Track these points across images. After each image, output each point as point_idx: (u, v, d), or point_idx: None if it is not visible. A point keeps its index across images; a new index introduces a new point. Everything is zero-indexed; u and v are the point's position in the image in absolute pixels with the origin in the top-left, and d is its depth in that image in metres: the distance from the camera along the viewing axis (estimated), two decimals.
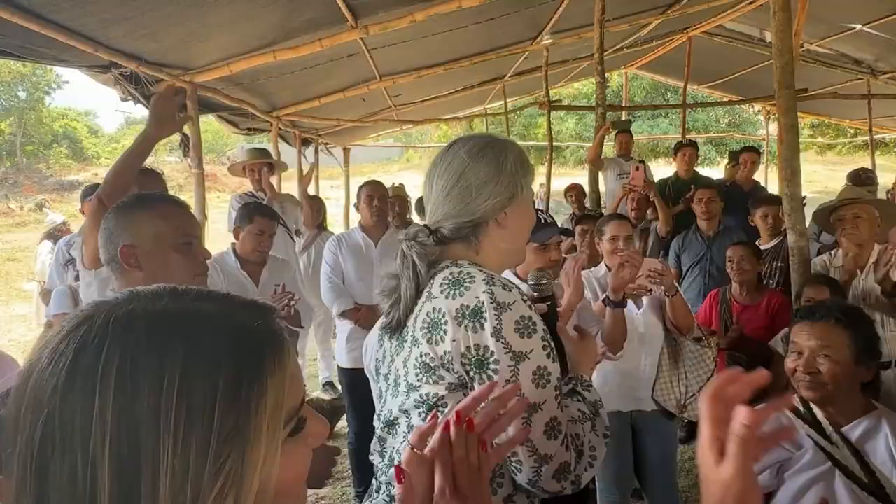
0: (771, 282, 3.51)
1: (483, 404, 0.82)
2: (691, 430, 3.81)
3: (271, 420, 0.52)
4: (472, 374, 1.09)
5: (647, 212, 4.80)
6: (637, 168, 4.54)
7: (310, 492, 3.66)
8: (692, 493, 3.23)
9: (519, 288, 1.15)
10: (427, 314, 1.14)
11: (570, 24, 6.40)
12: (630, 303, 2.48)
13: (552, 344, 1.12)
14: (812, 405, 1.50)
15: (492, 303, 1.09)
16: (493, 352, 1.07)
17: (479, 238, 1.22)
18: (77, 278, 2.96)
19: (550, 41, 6.64)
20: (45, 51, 3.12)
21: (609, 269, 2.52)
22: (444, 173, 1.23)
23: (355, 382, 3.27)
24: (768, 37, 7.77)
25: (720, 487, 0.66)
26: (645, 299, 2.51)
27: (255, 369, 0.51)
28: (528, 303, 1.13)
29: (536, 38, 6.73)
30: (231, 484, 0.49)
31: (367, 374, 2.08)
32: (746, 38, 8.04)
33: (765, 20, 6.98)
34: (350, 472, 3.57)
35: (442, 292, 1.14)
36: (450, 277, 1.15)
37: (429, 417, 0.78)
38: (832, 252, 2.78)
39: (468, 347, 1.08)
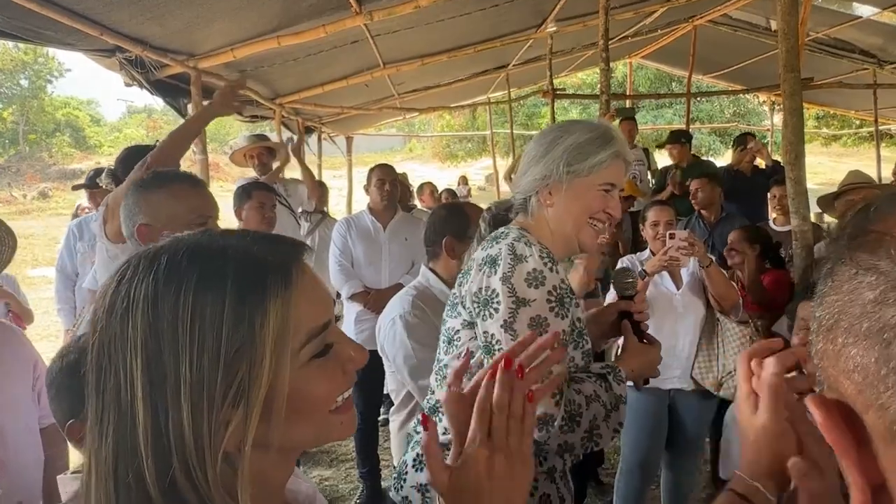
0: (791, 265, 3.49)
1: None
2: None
3: (277, 341, 0.58)
4: (477, 311, 1.22)
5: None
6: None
7: (313, 472, 3.70)
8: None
9: (549, 256, 1.23)
10: (466, 263, 1.32)
11: (574, 12, 6.37)
12: (669, 282, 2.56)
13: (566, 303, 1.21)
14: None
15: (510, 253, 1.22)
16: (498, 293, 1.20)
17: (532, 212, 1.33)
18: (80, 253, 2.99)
19: (555, 29, 6.61)
20: (51, 34, 3.12)
21: (653, 253, 2.61)
22: (526, 149, 1.38)
23: None
24: (774, 25, 7.72)
25: (757, 434, 0.72)
26: (685, 278, 2.55)
27: (258, 295, 0.58)
28: (552, 266, 1.22)
29: (541, 26, 6.70)
30: (241, 394, 0.56)
31: (381, 354, 2.10)
32: (752, 27, 7.99)
33: (770, 8, 6.94)
34: (354, 453, 3.60)
35: (481, 246, 1.29)
36: (494, 235, 1.30)
37: (462, 355, 0.79)
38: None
39: (480, 289, 1.22)
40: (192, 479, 0.55)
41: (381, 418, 3.75)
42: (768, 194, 3.88)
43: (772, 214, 4.07)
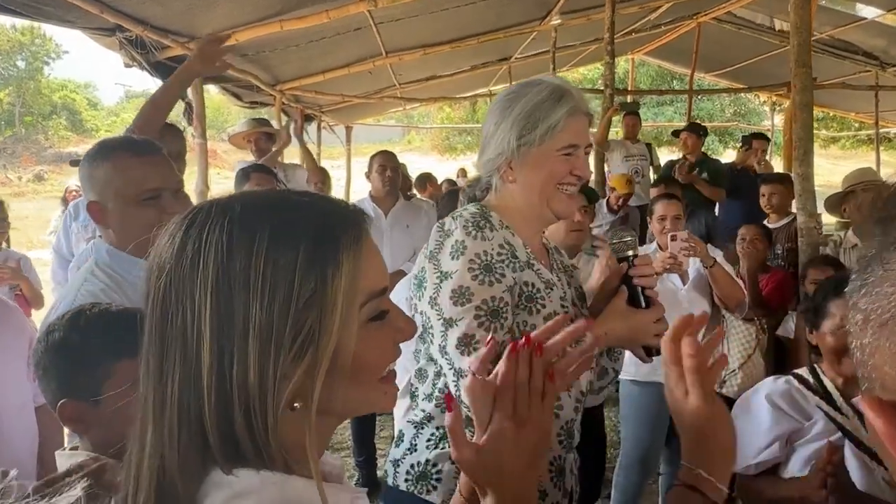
0: (782, 263, 3.49)
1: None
2: None
3: (346, 293, 0.58)
4: (414, 292, 1.23)
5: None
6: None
7: None
8: None
9: (478, 225, 1.20)
10: None
11: (579, 4, 6.33)
12: (676, 278, 2.54)
13: (495, 268, 1.17)
14: (822, 375, 1.49)
15: (438, 230, 1.22)
16: (426, 271, 1.20)
17: (496, 190, 1.29)
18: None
19: (559, 22, 6.57)
20: (50, 10, 3.07)
21: (661, 247, 2.58)
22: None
23: None
24: (778, 25, 7.70)
25: (692, 418, 0.73)
26: (690, 274, 2.54)
27: (331, 246, 0.59)
28: (477, 233, 1.18)
29: (545, 19, 6.66)
30: (309, 343, 0.56)
31: None
32: (756, 26, 7.97)
33: (776, 7, 6.91)
34: (350, 442, 3.59)
35: None
36: (451, 215, 1.27)
37: (488, 340, 0.78)
38: (842, 233, 2.77)
39: (420, 269, 1.24)
40: (252, 425, 0.55)
41: None
42: (760, 192, 3.87)
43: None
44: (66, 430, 1.35)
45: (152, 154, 1.40)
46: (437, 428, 1.23)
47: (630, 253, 1.25)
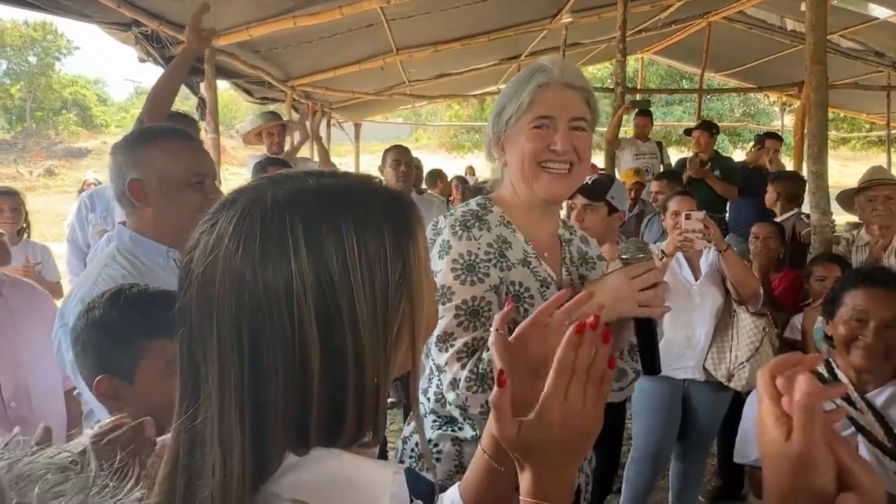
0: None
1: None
2: None
3: (425, 266, 0.61)
4: None
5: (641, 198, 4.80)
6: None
7: None
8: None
9: (464, 224, 1.19)
10: None
11: (590, 3, 6.33)
12: (688, 272, 2.54)
13: (479, 268, 1.16)
14: (837, 370, 1.50)
15: (432, 228, 1.22)
16: None
17: (502, 181, 1.29)
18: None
19: (570, 20, 6.57)
20: (69, 4, 3.10)
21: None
22: None
23: None
24: (789, 24, 7.66)
25: (793, 464, 0.64)
26: (703, 269, 2.54)
27: (408, 226, 0.60)
28: (462, 233, 1.18)
29: (556, 17, 6.65)
30: (406, 319, 0.58)
31: None
32: (767, 25, 7.94)
33: (787, 7, 6.88)
34: None
35: None
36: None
37: (509, 299, 0.79)
38: (854, 231, 2.77)
39: None
40: (361, 412, 0.56)
41: (389, 400, 3.76)
42: (767, 190, 3.89)
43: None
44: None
45: (200, 143, 1.51)
46: (439, 416, 1.25)
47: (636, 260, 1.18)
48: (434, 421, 1.27)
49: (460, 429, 1.23)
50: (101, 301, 1.10)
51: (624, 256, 1.15)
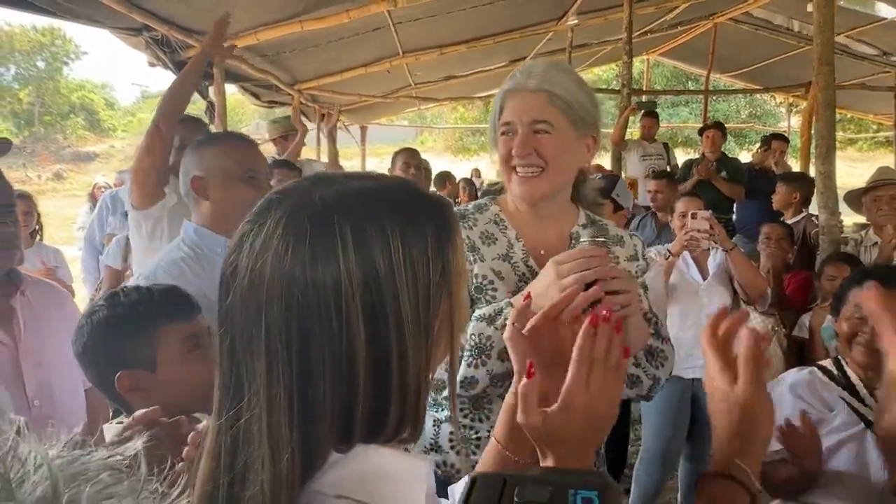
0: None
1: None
2: None
3: (462, 266, 0.64)
4: None
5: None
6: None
7: None
8: None
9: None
10: None
11: (596, 4, 6.34)
12: (696, 272, 2.56)
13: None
14: (846, 367, 1.51)
15: None
16: None
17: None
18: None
19: (576, 22, 6.58)
20: (80, 9, 3.14)
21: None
22: None
23: None
24: (796, 26, 7.65)
25: (738, 408, 0.72)
26: (711, 269, 2.55)
27: (447, 228, 0.62)
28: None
29: (562, 19, 6.67)
30: (445, 318, 0.61)
31: None
32: (773, 26, 7.93)
33: (793, 8, 6.87)
34: None
35: None
36: None
37: (526, 293, 0.82)
38: (863, 231, 2.77)
39: None
40: (403, 409, 0.58)
41: None
42: (778, 191, 3.89)
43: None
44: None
45: (254, 145, 1.69)
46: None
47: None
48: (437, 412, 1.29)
49: (441, 409, 1.25)
50: (100, 304, 1.14)
51: (583, 240, 1.15)
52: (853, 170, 18.42)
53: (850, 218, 4.04)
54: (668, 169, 5.56)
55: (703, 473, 0.74)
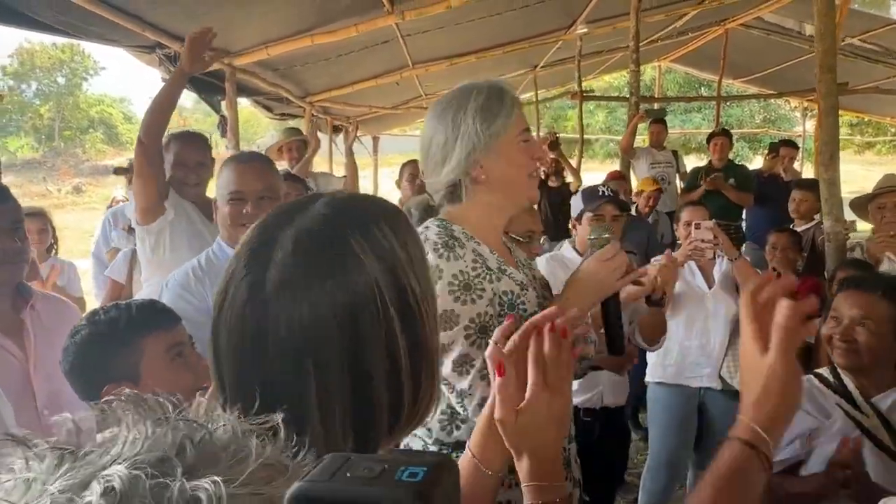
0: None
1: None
2: None
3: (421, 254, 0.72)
4: None
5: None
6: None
7: None
8: None
9: (447, 244, 1.19)
10: None
11: (605, 13, 6.36)
12: (701, 280, 2.56)
13: (473, 285, 1.17)
14: (843, 374, 1.51)
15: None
16: None
17: (463, 196, 1.26)
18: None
19: (585, 30, 6.61)
20: (95, 29, 3.23)
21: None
22: (422, 146, 1.30)
23: None
24: (808, 30, 7.60)
25: (766, 374, 0.73)
26: (716, 277, 2.55)
27: (403, 218, 0.70)
28: (449, 255, 1.18)
29: (570, 27, 6.70)
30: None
31: None
32: (785, 31, 7.88)
33: (805, 12, 6.83)
34: None
35: None
36: None
37: (509, 315, 0.87)
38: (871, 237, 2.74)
39: None
40: (431, 396, 0.65)
41: None
42: (790, 198, 3.87)
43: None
44: None
45: (246, 164, 1.78)
46: (444, 444, 1.26)
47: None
48: (439, 449, 1.28)
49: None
50: (83, 324, 1.19)
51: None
52: (870, 173, 18.16)
53: (865, 224, 4.00)
54: (678, 176, 5.56)
55: (722, 438, 0.76)
